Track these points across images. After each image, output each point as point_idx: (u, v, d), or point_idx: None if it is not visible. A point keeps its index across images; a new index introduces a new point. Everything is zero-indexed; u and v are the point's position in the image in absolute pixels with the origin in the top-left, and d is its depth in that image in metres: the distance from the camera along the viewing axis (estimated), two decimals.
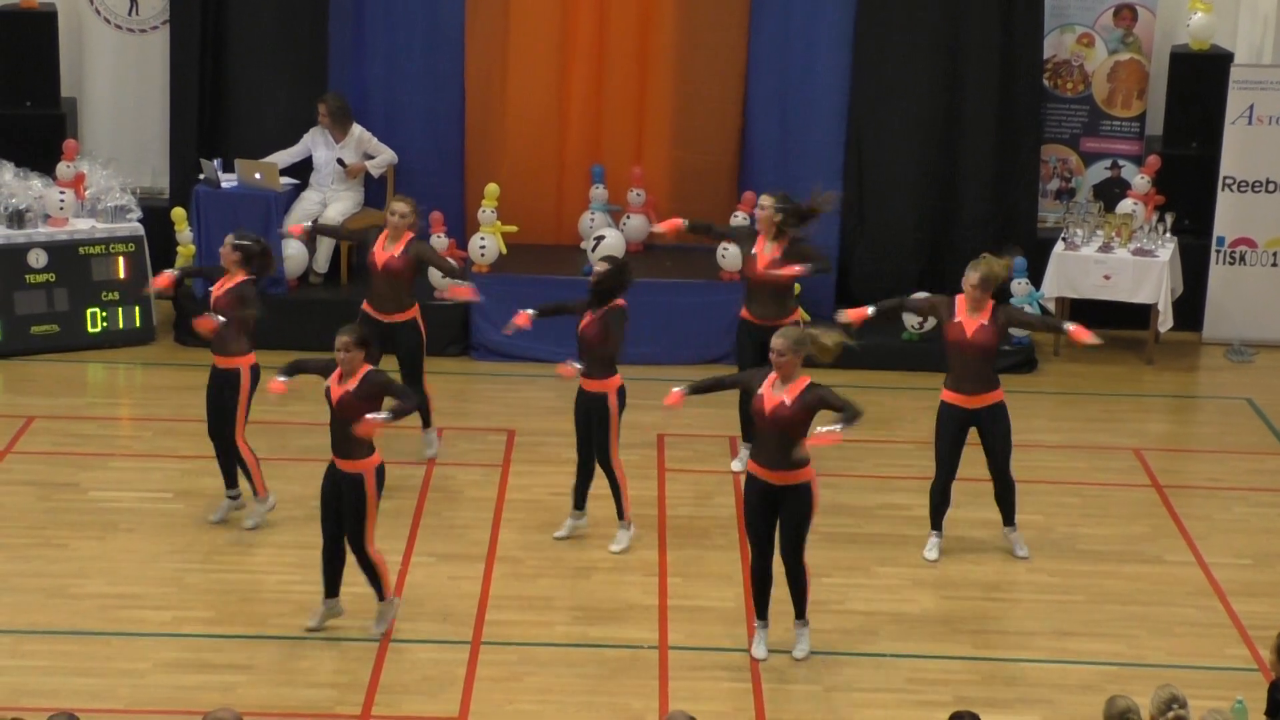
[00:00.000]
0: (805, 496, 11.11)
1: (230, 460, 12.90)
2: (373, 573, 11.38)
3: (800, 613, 11.42)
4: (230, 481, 12.97)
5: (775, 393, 11.00)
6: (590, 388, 12.58)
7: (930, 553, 12.78)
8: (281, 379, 11.49)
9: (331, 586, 11.51)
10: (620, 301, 12.50)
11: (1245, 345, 16.85)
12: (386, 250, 13.58)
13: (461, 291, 13.81)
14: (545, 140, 16.93)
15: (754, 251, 13.62)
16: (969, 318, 12.38)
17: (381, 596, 11.51)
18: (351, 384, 11.15)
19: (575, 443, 12.79)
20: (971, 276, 12.37)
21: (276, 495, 13.00)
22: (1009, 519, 12.86)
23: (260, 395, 12.50)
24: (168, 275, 13.40)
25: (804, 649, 11.41)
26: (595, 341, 12.47)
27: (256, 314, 12.57)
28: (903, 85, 16.62)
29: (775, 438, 11.00)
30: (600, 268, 12.57)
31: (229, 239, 12.72)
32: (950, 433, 12.57)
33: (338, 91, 16.52)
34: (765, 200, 13.60)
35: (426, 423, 14.04)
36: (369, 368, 11.22)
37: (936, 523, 12.78)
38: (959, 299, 12.47)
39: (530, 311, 12.76)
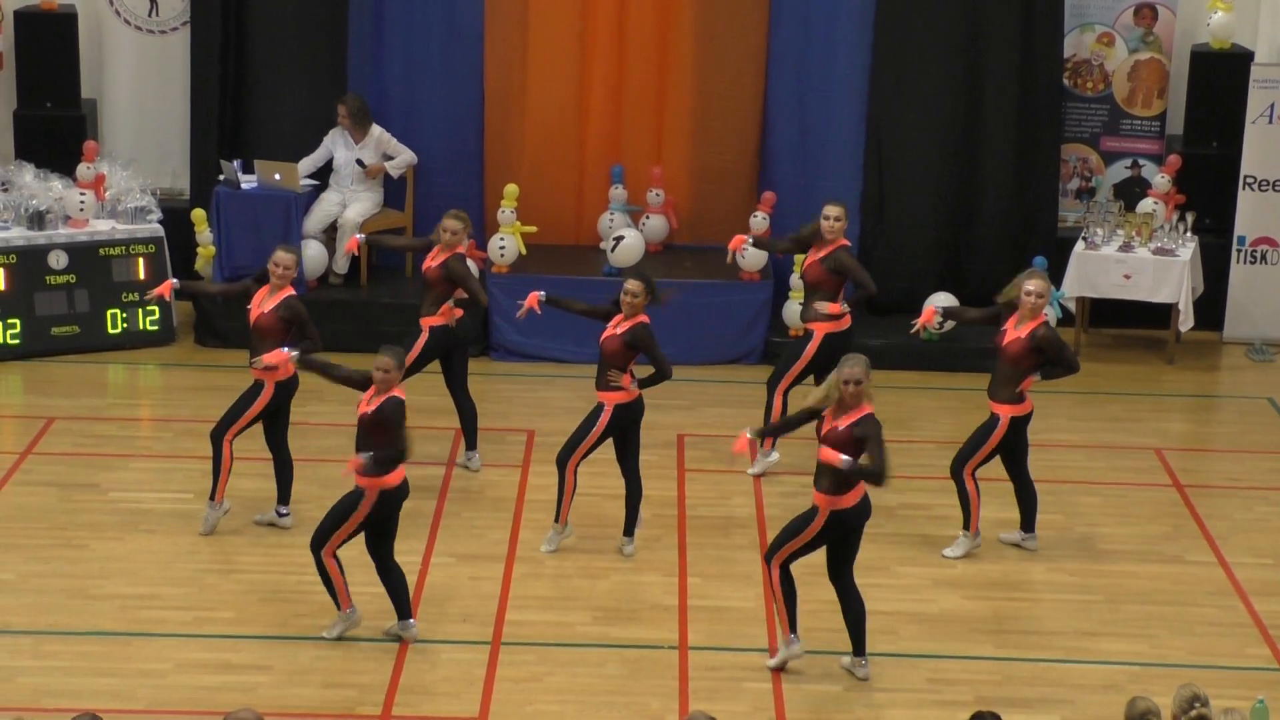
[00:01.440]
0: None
1: (288, 471, 12.99)
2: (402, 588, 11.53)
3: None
4: (284, 496, 13.00)
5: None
6: (603, 396, 12.56)
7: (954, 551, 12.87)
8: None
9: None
10: (644, 317, 12.52)
11: (1266, 344, 16.81)
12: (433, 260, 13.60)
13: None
14: (564, 141, 16.94)
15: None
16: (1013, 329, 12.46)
17: (407, 613, 11.53)
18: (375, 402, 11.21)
19: (584, 456, 12.66)
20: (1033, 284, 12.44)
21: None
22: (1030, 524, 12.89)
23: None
24: (168, 284, 13.28)
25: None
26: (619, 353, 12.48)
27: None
28: (922, 85, 16.59)
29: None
30: (633, 285, 12.47)
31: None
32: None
33: (357, 92, 16.53)
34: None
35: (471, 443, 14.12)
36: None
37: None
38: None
39: (542, 295, 12.91)
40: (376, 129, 16.48)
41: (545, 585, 12.31)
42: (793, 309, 16.10)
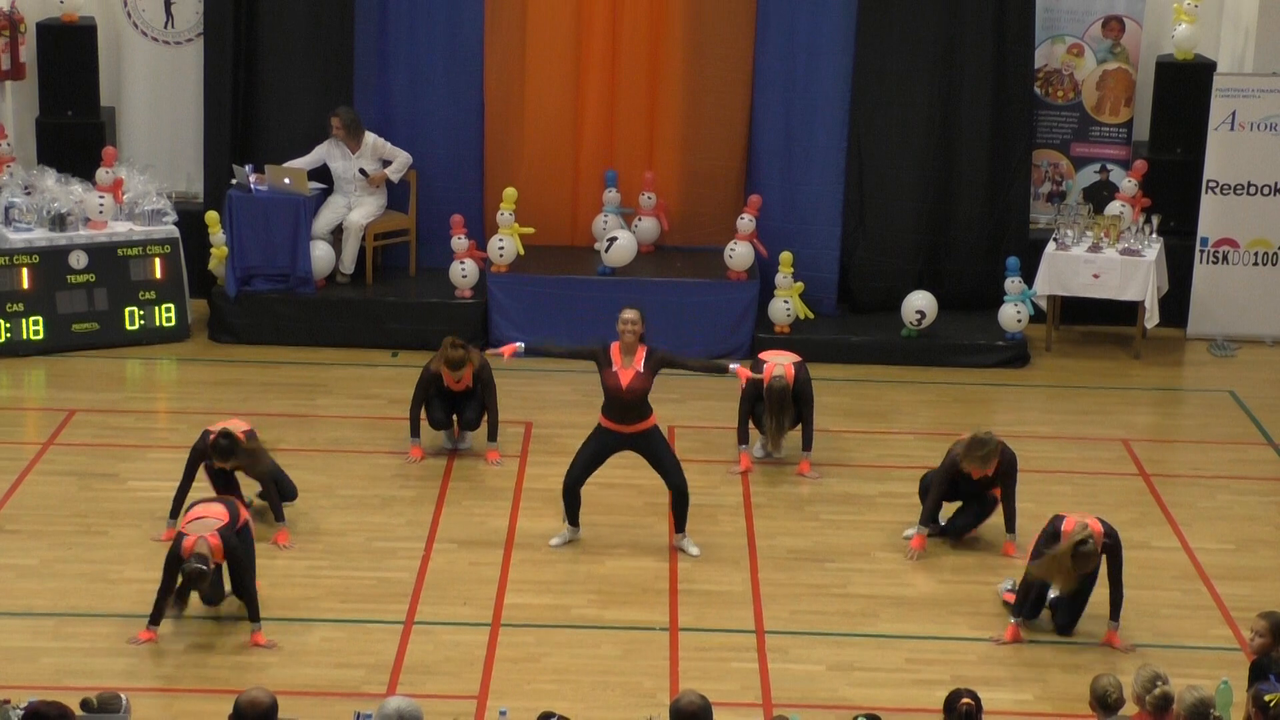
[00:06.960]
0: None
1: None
2: None
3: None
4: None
5: None
6: (642, 428, 12.47)
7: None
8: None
9: None
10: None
11: (1228, 340, 16.82)
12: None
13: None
14: (561, 146, 16.93)
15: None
16: None
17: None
18: None
19: (575, 472, 12.55)
20: None
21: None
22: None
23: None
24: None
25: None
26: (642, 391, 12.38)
27: None
28: (901, 93, 16.59)
29: None
30: (630, 314, 12.29)
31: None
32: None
33: (349, 105, 16.51)
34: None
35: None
36: None
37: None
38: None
39: (520, 346, 12.71)
40: (370, 136, 16.45)
41: (542, 570, 12.31)
42: (778, 307, 16.11)
